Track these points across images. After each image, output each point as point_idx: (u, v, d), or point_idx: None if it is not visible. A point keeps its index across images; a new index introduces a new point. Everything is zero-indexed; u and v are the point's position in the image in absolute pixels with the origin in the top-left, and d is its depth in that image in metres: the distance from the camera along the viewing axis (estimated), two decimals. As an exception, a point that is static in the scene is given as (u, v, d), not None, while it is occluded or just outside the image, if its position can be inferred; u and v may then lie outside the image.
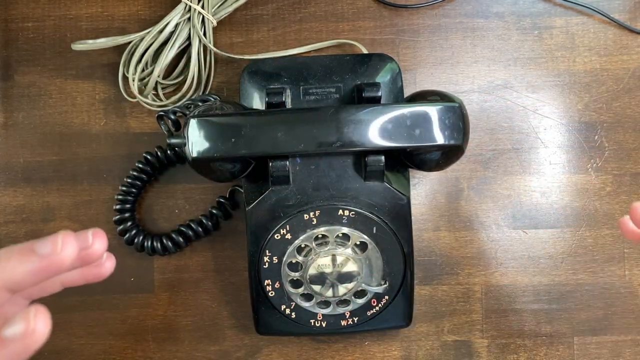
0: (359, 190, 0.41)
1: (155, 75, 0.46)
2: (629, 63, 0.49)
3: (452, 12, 0.50)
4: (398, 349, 0.48)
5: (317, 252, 0.41)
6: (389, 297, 0.43)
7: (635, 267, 0.48)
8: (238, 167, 0.41)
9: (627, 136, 0.49)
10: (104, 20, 0.50)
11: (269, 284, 0.42)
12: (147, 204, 0.49)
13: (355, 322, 0.43)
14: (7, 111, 0.50)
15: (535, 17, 0.50)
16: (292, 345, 0.48)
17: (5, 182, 0.49)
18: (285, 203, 0.41)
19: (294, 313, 0.43)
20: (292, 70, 0.45)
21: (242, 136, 0.38)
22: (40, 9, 0.50)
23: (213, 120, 0.38)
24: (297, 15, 0.50)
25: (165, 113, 0.42)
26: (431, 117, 0.38)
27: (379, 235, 0.41)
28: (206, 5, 0.46)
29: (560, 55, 0.49)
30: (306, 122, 0.38)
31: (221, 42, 0.49)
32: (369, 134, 0.38)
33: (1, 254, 0.26)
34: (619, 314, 0.48)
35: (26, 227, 0.49)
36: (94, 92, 0.50)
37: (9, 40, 0.50)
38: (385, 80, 0.45)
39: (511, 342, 0.48)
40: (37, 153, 0.49)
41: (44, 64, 0.50)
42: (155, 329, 0.48)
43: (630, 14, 0.50)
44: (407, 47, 0.50)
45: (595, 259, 0.48)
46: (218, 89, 0.49)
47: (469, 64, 0.50)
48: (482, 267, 0.48)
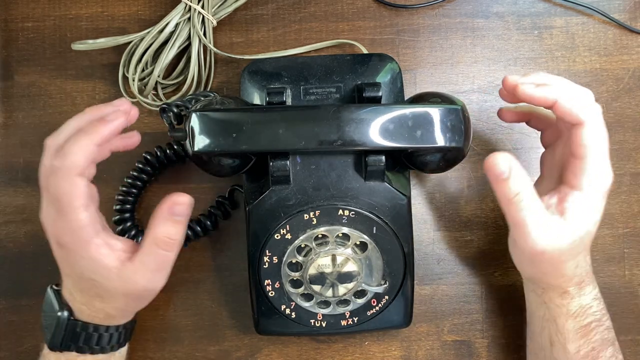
0: (359, 190, 0.41)
1: (155, 75, 0.46)
2: (629, 63, 0.49)
3: (452, 12, 0.50)
4: (398, 349, 0.48)
5: (317, 252, 0.41)
6: (389, 297, 0.43)
7: (635, 267, 0.48)
8: (238, 162, 0.41)
9: (627, 136, 0.49)
10: (104, 20, 0.50)
11: (269, 284, 0.42)
12: (147, 204, 0.49)
13: (355, 322, 0.43)
14: (7, 111, 0.50)
15: (535, 17, 0.50)
16: (292, 345, 0.48)
17: (5, 182, 0.49)
18: (285, 203, 0.41)
19: (294, 313, 0.43)
20: (292, 70, 0.45)
21: (244, 132, 0.38)
22: (40, 9, 0.50)
23: (215, 115, 0.38)
24: (297, 15, 0.50)
25: (168, 106, 0.42)
26: (433, 118, 0.38)
27: (379, 235, 0.41)
28: (206, 5, 0.46)
29: (560, 55, 0.50)
30: (308, 120, 0.38)
31: (221, 42, 0.49)
32: (370, 134, 0.38)
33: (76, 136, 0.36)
34: (619, 314, 0.48)
35: (26, 227, 0.49)
36: (94, 92, 0.50)
37: (9, 40, 0.50)
38: (385, 80, 0.45)
39: (511, 342, 0.48)
40: (37, 153, 0.49)
41: (44, 64, 0.50)
42: (155, 329, 0.48)
43: (630, 14, 0.50)
44: (407, 47, 0.50)
45: (595, 259, 0.48)
46: (218, 89, 0.49)
47: (469, 64, 0.50)
48: (482, 267, 0.48)
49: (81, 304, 0.39)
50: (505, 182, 0.36)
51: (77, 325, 0.39)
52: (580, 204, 0.37)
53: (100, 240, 0.37)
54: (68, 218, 0.36)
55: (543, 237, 0.37)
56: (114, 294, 0.38)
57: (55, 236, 0.37)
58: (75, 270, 0.38)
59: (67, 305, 0.39)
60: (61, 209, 0.36)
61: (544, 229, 0.37)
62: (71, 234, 0.36)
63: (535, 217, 0.37)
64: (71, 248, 0.37)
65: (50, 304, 0.40)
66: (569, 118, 0.37)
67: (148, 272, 0.38)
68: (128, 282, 0.37)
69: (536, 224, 0.37)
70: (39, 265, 0.48)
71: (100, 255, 0.37)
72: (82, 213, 0.36)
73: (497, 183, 0.37)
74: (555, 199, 0.38)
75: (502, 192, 0.37)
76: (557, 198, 0.38)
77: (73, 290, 0.39)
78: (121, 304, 0.39)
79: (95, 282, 0.38)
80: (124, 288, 0.38)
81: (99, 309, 0.39)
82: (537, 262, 0.39)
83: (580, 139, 0.37)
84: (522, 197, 0.36)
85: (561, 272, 0.39)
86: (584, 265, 0.40)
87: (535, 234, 0.37)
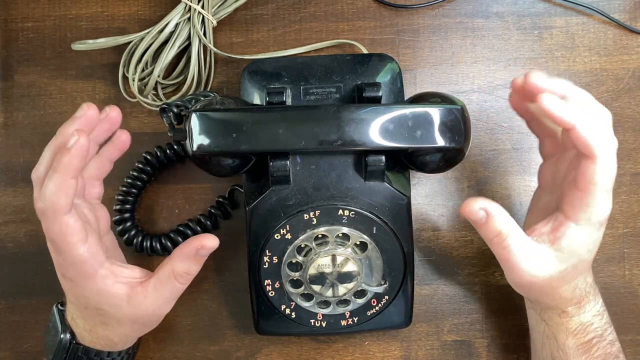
0: (359, 190, 0.41)
1: (155, 75, 0.46)
2: (629, 63, 0.49)
3: (452, 12, 0.50)
4: (398, 349, 0.48)
5: (317, 252, 0.41)
6: (389, 297, 0.43)
7: (635, 267, 0.48)
8: (238, 162, 0.41)
9: (627, 136, 0.49)
10: (104, 20, 0.50)
11: (269, 284, 0.42)
12: (147, 204, 0.49)
13: (355, 322, 0.43)
14: (7, 111, 0.50)
15: (535, 17, 0.50)
16: (292, 345, 0.48)
17: (5, 182, 0.49)
18: (285, 203, 0.41)
19: (294, 313, 0.43)
20: (292, 70, 0.45)
21: (244, 132, 0.38)
22: (40, 9, 0.50)
23: (214, 115, 0.38)
24: (297, 15, 0.50)
25: (168, 106, 0.42)
26: (433, 118, 0.38)
27: (379, 235, 0.41)
28: (206, 5, 0.46)
29: (560, 55, 0.49)
30: (308, 120, 0.38)
31: (221, 42, 0.49)
32: (370, 134, 0.37)
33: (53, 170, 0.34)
34: (619, 314, 0.48)
35: (26, 227, 0.49)
36: (94, 92, 0.50)
37: (9, 40, 0.50)
38: (385, 80, 0.45)
39: (511, 342, 0.48)
40: (37, 153, 0.48)
41: (44, 64, 0.50)
42: (155, 329, 0.48)
43: (630, 14, 0.50)
44: (407, 47, 0.50)
45: (595, 259, 0.48)
46: (218, 89, 0.49)
47: (469, 64, 0.50)
48: (482, 267, 0.48)
49: (83, 330, 0.39)
50: (484, 225, 0.36)
51: (78, 350, 0.39)
52: (574, 235, 0.36)
53: (104, 271, 0.37)
54: (67, 255, 0.35)
55: (529, 268, 0.36)
56: (120, 320, 0.38)
57: (60, 270, 0.37)
58: (81, 301, 0.38)
59: (70, 328, 0.39)
60: (58, 247, 0.35)
61: (529, 261, 0.36)
62: (74, 268, 0.36)
63: (519, 251, 0.36)
64: (76, 281, 0.37)
65: (55, 324, 0.40)
66: (582, 148, 0.34)
67: (160, 299, 0.38)
68: (138, 308, 0.38)
69: (521, 257, 0.36)
70: (39, 265, 0.48)
71: (106, 286, 0.37)
72: (80, 248, 0.35)
73: (477, 226, 0.37)
74: (549, 227, 0.37)
75: (483, 233, 0.37)
76: (550, 227, 0.37)
77: (76, 317, 0.39)
78: (126, 330, 0.40)
79: (101, 311, 0.38)
80: (132, 314, 0.38)
81: (102, 335, 0.39)
82: (529, 290, 0.39)
83: (589, 174, 0.34)
84: (504, 237, 0.36)
85: (557, 296, 0.38)
86: (584, 287, 0.39)
87: (520, 267, 0.36)
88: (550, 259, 0.36)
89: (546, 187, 0.41)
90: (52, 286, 0.48)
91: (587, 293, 0.39)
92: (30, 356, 0.48)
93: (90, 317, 0.38)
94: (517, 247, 0.36)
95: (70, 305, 0.39)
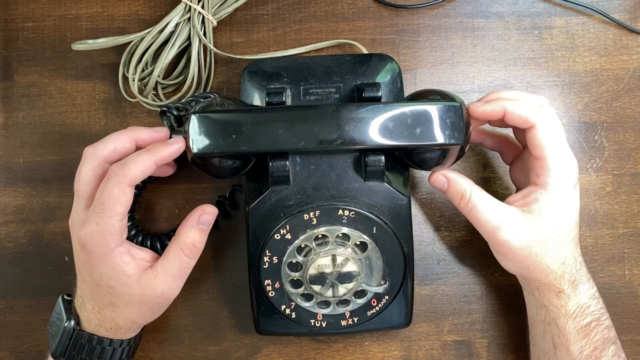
0: (359, 190, 0.41)
1: (155, 75, 0.46)
2: (629, 63, 0.49)
3: (452, 12, 0.50)
4: (398, 349, 0.48)
5: (317, 252, 0.41)
6: (389, 297, 0.43)
7: (635, 267, 0.48)
8: (238, 163, 0.41)
9: (627, 136, 0.49)
10: (104, 20, 0.50)
11: (269, 284, 0.42)
12: (147, 204, 0.49)
13: (355, 322, 0.43)
14: (7, 111, 0.50)
15: (535, 17, 0.50)
16: (292, 345, 0.48)
17: (5, 182, 0.49)
18: (285, 203, 0.41)
19: (294, 313, 0.43)
20: (292, 70, 0.45)
21: (243, 133, 0.38)
22: (40, 9, 0.50)
23: (214, 117, 0.38)
24: (297, 15, 0.50)
25: (168, 108, 0.42)
26: (432, 116, 0.38)
27: (379, 235, 0.41)
28: (206, 5, 0.46)
29: (560, 55, 0.49)
30: (307, 120, 0.38)
31: (221, 42, 0.49)
32: (369, 132, 0.38)
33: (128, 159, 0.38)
34: (619, 314, 0.48)
35: (26, 227, 0.49)
36: (94, 92, 0.50)
37: (9, 40, 0.50)
38: (385, 80, 0.45)
39: (511, 342, 0.48)
40: (37, 153, 0.49)
41: (44, 64, 0.50)
42: (156, 329, 0.48)
43: (630, 14, 0.50)
44: (407, 47, 0.50)
45: (595, 259, 0.48)
46: (218, 89, 0.49)
47: (469, 64, 0.50)
48: (482, 267, 0.48)
49: (91, 313, 0.40)
50: (448, 191, 0.41)
51: (81, 336, 0.40)
52: (543, 199, 0.39)
53: (123, 248, 0.39)
54: (104, 221, 0.37)
55: (503, 229, 0.39)
56: (129, 302, 0.39)
57: (82, 240, 0.38)
58: (94, 277, 0.39)
59: (76, 315, 0.41)
60: (102, 211, 0.37)
61: (501, 220, 0.39)
62: (100, 238, 0.38)
63: (486, 207, 0.39)
64: (95, 253, 0.38)
65: (59, 313, 0.41)
66: (520, 123, 0.39)
67: (169, 277, 0.39)
68: (147, 288, 0.39)
69: (489, 214, 0.39)
70: (39, 265, 0.48)
71: (122, 262, 0.39)
72: (118, 221, 0.38)
73: (445, 194, 0.42)
74: (519, 195, 0.40)
75: (451, 198, 0.41)
76: (520, 195, 0.40)
77: (86, 297, 0.40)
78: (133, 313, 0.40)
79: (112, 290, 0.39)
80: (141, 295, 0.39)
81: (108, 318, 0.40)
82: (511, 257, 0.40)
83: (535, 140, 0.38)
84: (467, 196, 0.40)
85: (542, 266, 0.39)
86: (572, 262, 0.40)
87: (492, 225, 0.39)
88: (521, 221, 0.39)
89: (520, 185, 0.44)
90: (52, 286, 0.48)
91: (579, 271, 0.40)
92: (30, 356, 0.48)
93: (100, 297, 0.39)
94: (482, 204, 0.40)
95: (82, 285, 0.40)
